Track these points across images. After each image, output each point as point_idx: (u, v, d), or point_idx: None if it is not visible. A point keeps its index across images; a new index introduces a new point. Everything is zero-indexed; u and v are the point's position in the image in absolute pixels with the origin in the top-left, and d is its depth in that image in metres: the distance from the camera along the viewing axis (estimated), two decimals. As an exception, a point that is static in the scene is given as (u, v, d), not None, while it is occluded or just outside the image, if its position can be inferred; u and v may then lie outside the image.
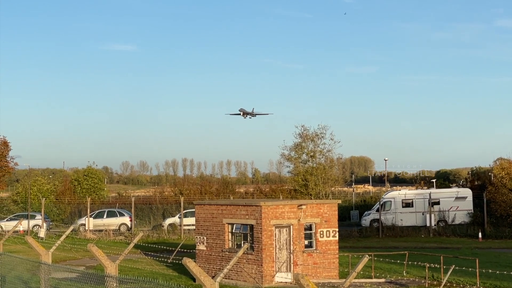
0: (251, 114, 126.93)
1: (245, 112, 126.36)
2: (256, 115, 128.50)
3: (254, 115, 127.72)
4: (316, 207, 34.34)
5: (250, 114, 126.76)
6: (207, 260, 34.84)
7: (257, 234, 32.45)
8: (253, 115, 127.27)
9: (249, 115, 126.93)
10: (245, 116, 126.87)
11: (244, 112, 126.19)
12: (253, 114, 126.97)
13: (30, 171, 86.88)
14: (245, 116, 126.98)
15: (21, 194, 79.90)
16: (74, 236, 56.80)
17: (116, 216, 66.99)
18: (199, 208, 36.16)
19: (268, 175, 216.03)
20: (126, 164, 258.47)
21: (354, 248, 47.71)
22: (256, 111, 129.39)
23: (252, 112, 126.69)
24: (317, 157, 71.08)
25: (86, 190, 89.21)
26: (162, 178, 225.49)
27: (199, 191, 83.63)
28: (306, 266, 33.28)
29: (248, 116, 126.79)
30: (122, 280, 12.64)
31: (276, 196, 72.86)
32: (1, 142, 75.17)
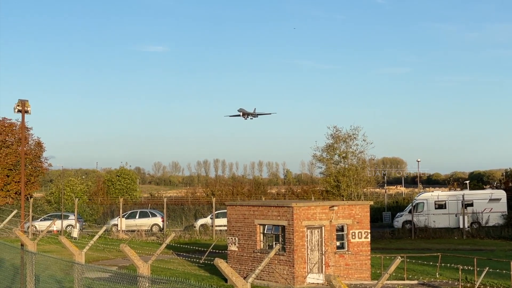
0: (252, 115, 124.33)
1: (245, 113, 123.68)
2: (258, 115, 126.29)
3: (255, 116, 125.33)
4: (348, 208, 34.24)
5: (251, 115, 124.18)
6: (239, 261, 34.88)
7: (288, 235, 32.43)
8: (255, 115, 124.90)
9: (251, 115, 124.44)
10: (245, 117, 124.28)
11: (244, 113, 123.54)
12: (254, 115, 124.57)
13: (64, 172, 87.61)
14: (246, 117, 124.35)
15: (54, 194, 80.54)
16: (107, 236, 57.15)
17: (148, 216, 67.27)
18: (231, 209, 36.22)
19: (300, 176, 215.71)
20: (158, 164, 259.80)
21: (386, 249, 47.47)
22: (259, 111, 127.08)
23: (253, 113, 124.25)
24: (349, 158, 70.86)
25: (119, 190, 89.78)
26: (194, 179, 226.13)
27: (230, 192, 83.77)
28: (338, 267, 33.18)
29: (249, 116, 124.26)
30: (155, 280, 12.68)
31: (308, 197, 72.72)
32: (35, 143, 75.85)
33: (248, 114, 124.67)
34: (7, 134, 74.39)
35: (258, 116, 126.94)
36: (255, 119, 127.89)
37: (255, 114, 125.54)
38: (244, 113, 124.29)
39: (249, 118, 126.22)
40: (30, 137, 74.90)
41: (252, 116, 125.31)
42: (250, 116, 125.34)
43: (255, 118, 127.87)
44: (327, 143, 71.59)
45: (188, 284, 11.19)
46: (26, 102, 29.29)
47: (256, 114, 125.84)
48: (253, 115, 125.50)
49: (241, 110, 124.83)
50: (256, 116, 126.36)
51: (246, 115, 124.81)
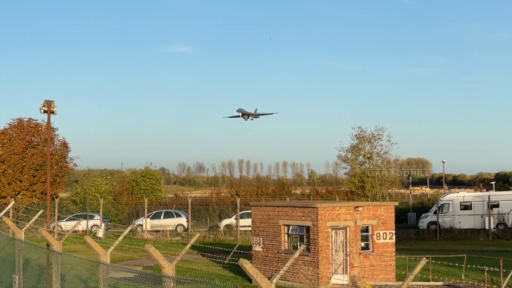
0: (252, 115, 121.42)
1: (245, 113, 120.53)
2: (259, 116, 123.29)
3: (257, 116, 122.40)
4: (373, 209, 34.14)
5: (252, 115, 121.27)
6: (263, 261, 34.89)
7: (313, 236, 32.39)
8: (256, 116, 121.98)
9: (251, 116, 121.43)
10: (246, 118, 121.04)
11: (243, 113, 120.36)
12: (255, 115, 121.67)
13: (89, 172, 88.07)
14: (246, 118, 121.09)
15: (80, 194, 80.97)
16: (132, 236, 57.37)
17: (173, 217, 67.45)
18: (255, 209, 36.24)
19: (324, 177, 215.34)
20: (183, 165, 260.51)
21: (411, 250, 47.28)
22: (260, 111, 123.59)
23: (254, 113, 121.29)
24: (374, 158, 70.65)
25: (144, 191, 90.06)
26: (218, 179, 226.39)
27: (255, 192, 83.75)
28: (363, 268, 33.10)
29: (250, 117, 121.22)
30: (179, 280, 12.70)
31: (333, 197, 72.57)
32: (60, 143, 76.31)
33: (248, 114, 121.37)
34: (33, 134, 74.90)
35: (259, 117, 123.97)
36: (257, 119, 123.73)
37: (256, 114, 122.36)
38: (243, 114, 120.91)
39: (249, 119, 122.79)
40: (56, 138, 75.38)
41: (253, 116, 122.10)
42: (251, 116, 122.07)
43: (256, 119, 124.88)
44: (352, 143, 71.48)
45: (213, 285, 11.21)
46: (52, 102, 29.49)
47: (257, 114, 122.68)
48: (254, 116, 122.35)
49: (240, 111, 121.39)
50: (257, 117, 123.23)
51: (246, 115, 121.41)
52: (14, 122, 75.16)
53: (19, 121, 75.07)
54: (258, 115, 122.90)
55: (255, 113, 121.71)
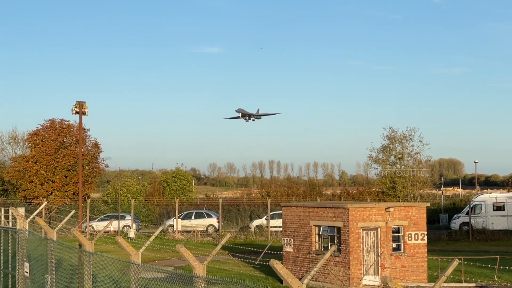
0: (254, 116, 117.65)
1: (245, 114, 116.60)
2: (261, 117, 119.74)
3: (259, 117, 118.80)
4: (404, 210, 33.95)
5: (253, 116, 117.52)
6: (294, 262, 34.84)
7: (344, 237, 32.28)
8: (257, 117, 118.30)
9: (253, 116, 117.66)
10: (246, 119, 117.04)
11: (243, 114, 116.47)
12: (257, 116, 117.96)
13: (120, 173, 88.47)
14: (247, 119, 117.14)
15: (111, 195, 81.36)
16: (163, 236, 57.54)
17: (204, 217, 67.58)
18: (286, 210, 36.19)
19: (355, 177, 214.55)
20: (213, 165, 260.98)
21: (443, 251, 46.97)
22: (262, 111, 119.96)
23: (256, 114, 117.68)
24: (405, 159, 70.27)
25: (175, 191, 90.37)
26: (249, 180, 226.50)
27: (286, 193, 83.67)
28: (394, 269, 32.93)
29: (251, 118, 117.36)
30: (210, 280, 12.71)
31: (364, 198, 72.29)
32: (92, 144, 76.76)
33: (249, 115, 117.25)
34: (65, 135, 75.40)
35: (261, 118, 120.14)
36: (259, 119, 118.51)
37: (257, 115, 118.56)
38: (243, 114, 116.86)
39: (250, 120, 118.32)
40: (87, 138, 75.82)
41: (254, 117, 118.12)
42: (252, 117, 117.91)
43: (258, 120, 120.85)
44: (383, 144, 71.16)
45: (244, 285, 11.19)
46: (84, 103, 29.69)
47: (259, 115, 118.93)
48: (255, 116, 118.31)
49: (240, 111, 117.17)
50: (259, 118, 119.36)
51: (247, 116, 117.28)
52: (46, 123, 75.72)
53: (51, 122, 75.62)
54: (260, 116, 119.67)
55: (257, 114, 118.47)
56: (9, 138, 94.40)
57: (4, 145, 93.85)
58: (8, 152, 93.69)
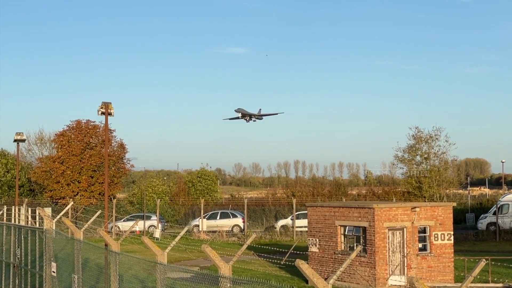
0: (255, 116, 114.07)
1: (245, 114, 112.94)
2: (262, 117, 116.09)
3: (260, 118, 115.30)
4: (430, 210, 33.78)
5: (254, 116, 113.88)
6: (320, 262, 34.78)
7: (370, 237, 32.18)
8: (259, 117, 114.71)
9: (254, 117, 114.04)
10: (247, 119, 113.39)
11: (243, 114, 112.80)
12: (258, 116, 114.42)
13: (146, 173, 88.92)
14: (248, 119, 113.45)
15: (137, 195, 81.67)
16: (188, 237, 57.67)
17: (229, 217, 67.64)
18: (311, 210, 36.14)
19: (380, 177, 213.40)
20: (238, 165, 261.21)
21: (469, 251, 46.67)
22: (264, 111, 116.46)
23: (258, 114, 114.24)
24: (431, 159, 69.97)
25: (200, 191, 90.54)
26: (274, 180, 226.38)
27: (311, 193, 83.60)
28: (420, 269, 32.78)
29: (252, 119, 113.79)
30: (236, 280, 12.71)
31: (389, 198, 72.05)
32: (118, 144, 77.14)
33: (250, 115, 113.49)
34: (91, 136, 75.84)
35: (262, 118, 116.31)
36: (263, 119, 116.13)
37: (258, 115, 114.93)
38: (244, 114, 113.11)
39: (251, 120, 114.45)
40: (113, 139, 76.21)
41: (255, 117, 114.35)
42: (253, 117, 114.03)
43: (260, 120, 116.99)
44: (409, 144, 70.90)
45: (269, 285, 11.19)
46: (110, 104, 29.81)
47: (260, 115, 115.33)
48: (256, 117, 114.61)
49: (240, 111, 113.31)
50: (260, 118, 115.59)
51: (248, 116, 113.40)
52: (72, 124, 76.20)
53: (77, 123, 76.09)
54: (261, 116, 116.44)
55: (258, 114, 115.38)
56: (36, 139, 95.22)
57: (31, 146, 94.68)
58: (35, 153, 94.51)
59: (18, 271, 27.01)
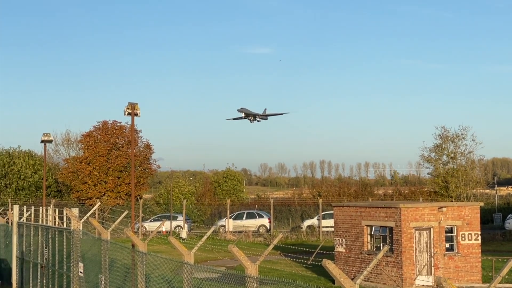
0: (260, 116, 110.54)
1: (249, 114, 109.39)
2: (267, 117, 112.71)
3: (265, 118, 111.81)
4: (457, 210, 33.59)
5: (259, 116, 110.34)
6: (346, 262, 34.70)
7: (396, 237, 32.06)
8: (264, 117, 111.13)
9: (259, 117, 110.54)
10: (251, 119, 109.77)
11: (246, 114, 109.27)
12: (263, 116, 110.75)
13: (172, 173, 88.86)
14: (252, 119, 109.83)
15: (163, 195, 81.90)
16: (215, 237, 57.76)
17: (255, 217, 67.64)
18: (337, 210, 36.07)
19: (407, 177, 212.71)
20: (264, 166, 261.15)
21: (497, 251, 46.35)
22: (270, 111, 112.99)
23: (262, 114, 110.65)
24: (458, 158, 69.56)
25: (226, 192, 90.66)
26: (300, 180, 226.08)
27: (337, 193, 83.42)
28: (448, 269, 32.61)
29: (256, 118, 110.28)
30: (262, 280, 12.70)
31: (416, 198, 71.73)
32: (144, 145, 77.42)
33: (254, 115, 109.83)
34: (117, 136, 76.18)
35: (268, 118, 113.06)
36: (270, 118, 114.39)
37: (263, 115, 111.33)
38: (247, 114, 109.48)
39: (256, 121, 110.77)
40: (139, 140, 76.51)
41: (260, 117, 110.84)
42: (258, 117, 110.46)
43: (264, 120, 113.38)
44: (435, 143, 70.56)
45: (296, 285, 11.17)
46: (136, 105, 29.90)
47: (265, 115, 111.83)
48: (261, 117, 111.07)
49: (243, 110, 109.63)
50: (265, 118, 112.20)
51: (252, 116, 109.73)
52: (99, 125, 76.60)
53: (103, 124, 76.46)
54: (266, 116, 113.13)
55: (263, 114, 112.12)
56: (63, 140, 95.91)
57: (58, 146, 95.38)
58: (62, 153, 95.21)
59: (45, 272, 27.17)
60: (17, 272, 31.72)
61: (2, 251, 37.04)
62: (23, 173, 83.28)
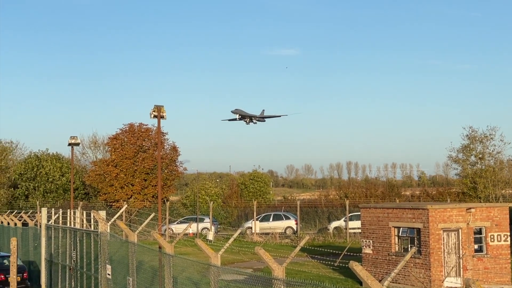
0: (256, 118, 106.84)
1: (245, 115, 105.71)
2: (265, 119, 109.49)
3: (262, 120, 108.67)
4: (486, 211, 33.31)
5: (255, 118, 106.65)
6: (374, 264, 34.55)
7: (424, 238, 31.86)
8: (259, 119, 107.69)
9: (254, 118, 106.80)
10: (247, 121, 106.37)
11: (241, 115, 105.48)
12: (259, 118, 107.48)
13: (198, 175, 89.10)
14: (248, 121, 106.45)
15: (190, 197, 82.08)
16: (241, 239, 57.71)
17: (282, 219, 67.54)
18: (364, 211, 35.92)
19: (434, 178, 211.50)
20: (290, 167, 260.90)
21: (527, 253, 45.85)
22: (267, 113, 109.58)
23: (259, 116, 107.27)
24: (486, 159, 69.02)
25: (252, 193, 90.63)
26: (326, 181, 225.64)
27: (364, 194, 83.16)
28: (476, 271, 32.33)
29: (253, 120, 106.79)
30: (289, 282, 12.66)
31: (443, 199, 71.28)
32: (170, 147, 77.66)
33: (250, 117, 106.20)
34: (144, 139, 76.46)
35: (265, 120, 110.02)
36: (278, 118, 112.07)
37: (259, 117, 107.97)
38: (243, 116, 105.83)
39: (252, 122, 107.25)
40: (165, 142, 76.79)
41: (256, 119, 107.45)
42: (254, 119, 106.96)
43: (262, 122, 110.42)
44: (463, 144, 70.05)
45: (323, 287, 11.11)
46: (162, 107, 29.97)
47: (261, 117, 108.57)
48: (257, 119, 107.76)
49: (237, 112, 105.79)
50: (262, 120, 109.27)
51: (248, 118, 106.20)
52: (125, 127, 76.96)
53: (130, 126, 76.80)
54: (264, 118, 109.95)
55: (260, 116, 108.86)
56: (90, 142, 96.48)
57: (85, 149, 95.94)
58: (89, 156, 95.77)
59: (74, 274, 27.32)
60: (46, 274, 31.93)
61: (31, 253, 37.33)
62: (51, 176, 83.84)
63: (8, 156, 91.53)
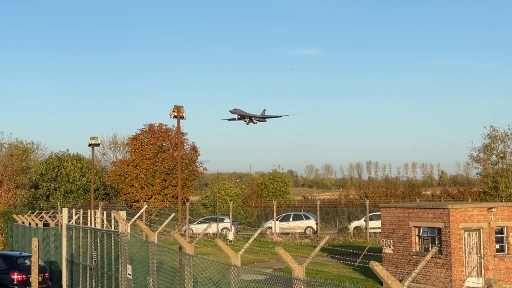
0: (256, 118, 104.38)
1: (244, 115, 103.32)
2: (265, 119, 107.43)
3: (263, 119, 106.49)
4: (508, 210, 33.12)
5: (255, 118, 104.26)
6: (394, 264, 34.43)
7: (445, 238, 31.71)
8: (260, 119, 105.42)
9: (254, 119, 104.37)
10: (246, 121, 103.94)
11: (240, 115, 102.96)
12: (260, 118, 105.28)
13: (218, 176, 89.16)
14: (247, 121, 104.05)
15: (210, 197, 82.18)
16: (261, 239, 57.71)
17: (302, 219, 67.49)
18: (385, 211, 35.81)
19: (455, 177, 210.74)
20: (310, 167, 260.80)
21: (549, 252, 45.56)
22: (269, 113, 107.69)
23: (260, 116, 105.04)
24: (508, 158, 68.61)
25: (272, 193, 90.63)
26: (346, 181, 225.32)
27: (384, 193, 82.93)
28: (498, 271, 32.15)
29: (253, 120, 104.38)
30: (310, 282, 12.64)
31: (464, 198, 70.93)
32: (190, 147, 77.77)
33: (250, 116, 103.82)
34: (163, 139, 76.61)
35: (266, 120, 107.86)
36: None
37: (260, 116, 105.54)
38: (242, 116, 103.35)
39: (252, 122, 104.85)
40: (185, 142, 76.89)
41: (256, 119, 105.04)
42: (254, 119, 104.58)
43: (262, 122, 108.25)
44: (484, 143, 69.68)
45: (343, 287, 11.08)
46: (181, 108, 30.01)
47: (262, 116, 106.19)
48: (257, 119, 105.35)
49: (236, 111, 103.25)
50: (263, 120, 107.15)
51: (248, 118, 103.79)
52: (145, 128, 77.14)
53: (150, 127, 76.98)
54: (264, 118, 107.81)
55: (261, 115, 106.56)
56: (110, 143, 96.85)
57: (105, 150, 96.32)
58: (109, 156, 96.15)
59: (94, 274, 27.43)
60: (67, 274, 32.08)
61: (52, 253, 37.52)
62: (71, 176, 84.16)
63: (29, 157, 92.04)
